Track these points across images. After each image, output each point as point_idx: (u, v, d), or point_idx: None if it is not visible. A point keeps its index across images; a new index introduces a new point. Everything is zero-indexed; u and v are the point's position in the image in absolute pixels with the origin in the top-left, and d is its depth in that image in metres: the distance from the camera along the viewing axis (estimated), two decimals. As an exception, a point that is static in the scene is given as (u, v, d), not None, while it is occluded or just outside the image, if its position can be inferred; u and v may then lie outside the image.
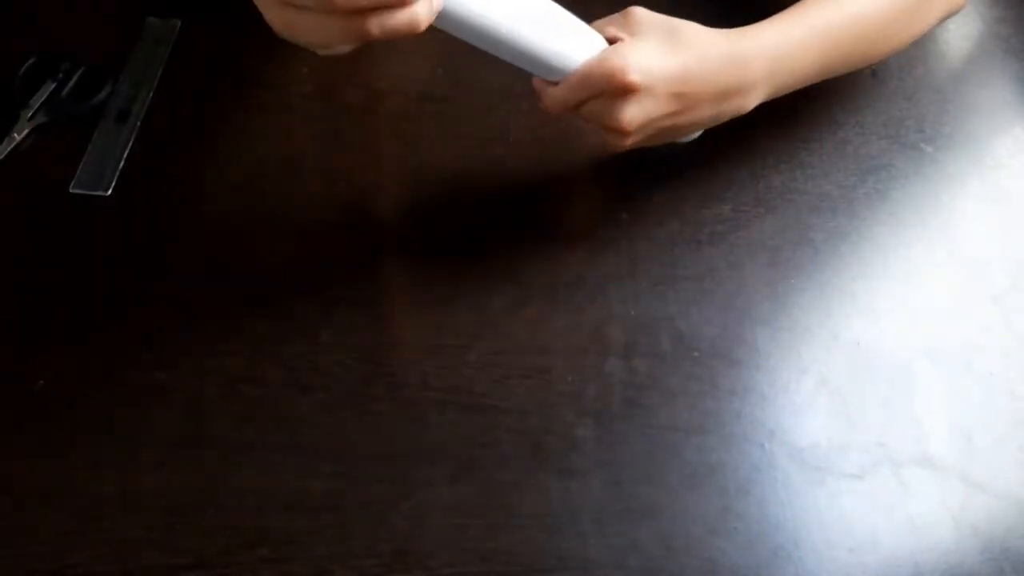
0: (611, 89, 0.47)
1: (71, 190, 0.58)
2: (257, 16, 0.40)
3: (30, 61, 0.63)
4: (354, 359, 0.51)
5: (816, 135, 0.63)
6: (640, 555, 0.45)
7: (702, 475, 0.48)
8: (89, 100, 0.62)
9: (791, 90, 0.55)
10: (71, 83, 0.63)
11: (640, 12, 0.49)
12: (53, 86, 0.62)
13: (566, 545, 0.45)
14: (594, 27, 0.49)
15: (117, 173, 0.58)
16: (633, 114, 0.47)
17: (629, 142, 0.50)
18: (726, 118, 0.52)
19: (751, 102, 0.52)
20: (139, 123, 0.61)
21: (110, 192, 0.58)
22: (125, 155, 0.59)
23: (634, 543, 0.46)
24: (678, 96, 0.48)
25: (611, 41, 0.49)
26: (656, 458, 0.48)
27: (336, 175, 0.60)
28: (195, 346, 0.51)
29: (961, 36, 0.70)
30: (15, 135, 0.60)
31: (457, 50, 0.66)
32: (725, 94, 0.50)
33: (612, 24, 0.49)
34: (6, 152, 0.59)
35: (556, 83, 0.49)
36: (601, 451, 0.48)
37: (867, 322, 0.54)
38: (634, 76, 0.46)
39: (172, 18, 0.67)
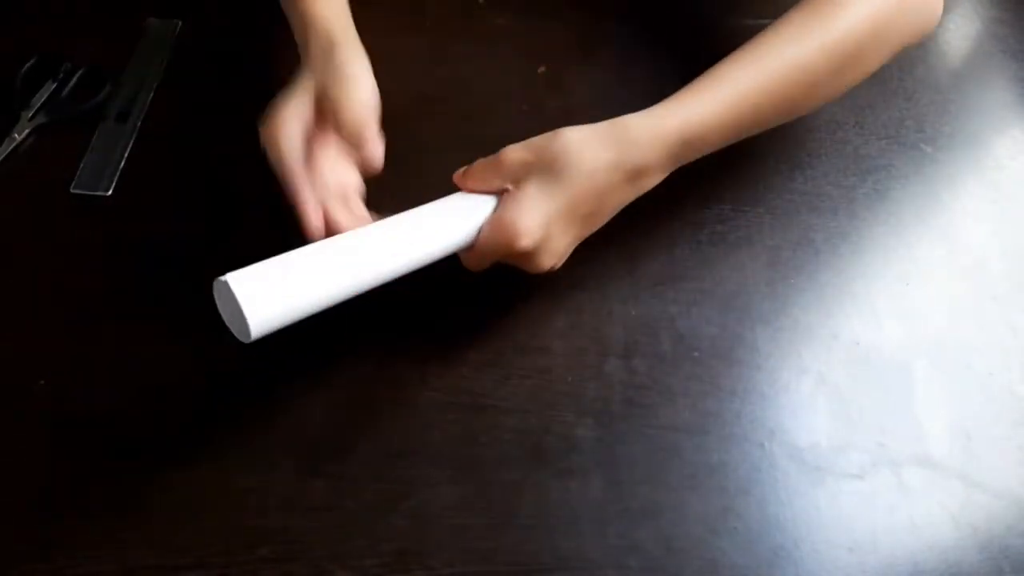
0: (511, 256, 0.47)
1: (71, 190, 0.58)
2: (257, 16, 0.41)
3: (31, 61, 0.63)
4: (354, 359, 0.51)
5: (816, 135, 0.63)
6: (640, 555, 0.45)
7: (702, 475, 0.48)
8: (89, 100, 0.62)
9: (707, 153, 0.53)
10: (71, 83, 0.63)
11: (512, 156, 0.47)
12: (54, 86, 0.62)
13: (566, 545, 0.45)
14: (478, 177, 0.48)
15: (117, 173, 0.59)
16: (543, 261, 0.48)
17: (557, 268, 0.50)
18: (637, 196, 0.51)
19: (655, 181, 0.51)
20: (139, 123, 0.61)
21: (110, 192, 0.58)
22: (125, 155, 0.60)
23: (634, 543, 0.46)
24: (579, 218, 0.48)
25: (500, 193, 0.48)
26: (656, 458, 0.48)
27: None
28: (195, 346, 0.51)
29: (960, 36, 0.70)
30: (16, 135, 0.60)
31: (457, 51, 0.67)
32: (625, 187, 0.49)
33: (493, 175, 0.48)
34: (7, 152, 0.59)
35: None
36: (601, 451, 0.48)
37: (867, 322, 0.54)
38: (526, 242, 0.46)
39: (172, 18, 0.67)
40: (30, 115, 0.61)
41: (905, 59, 0.67)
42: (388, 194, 0.59)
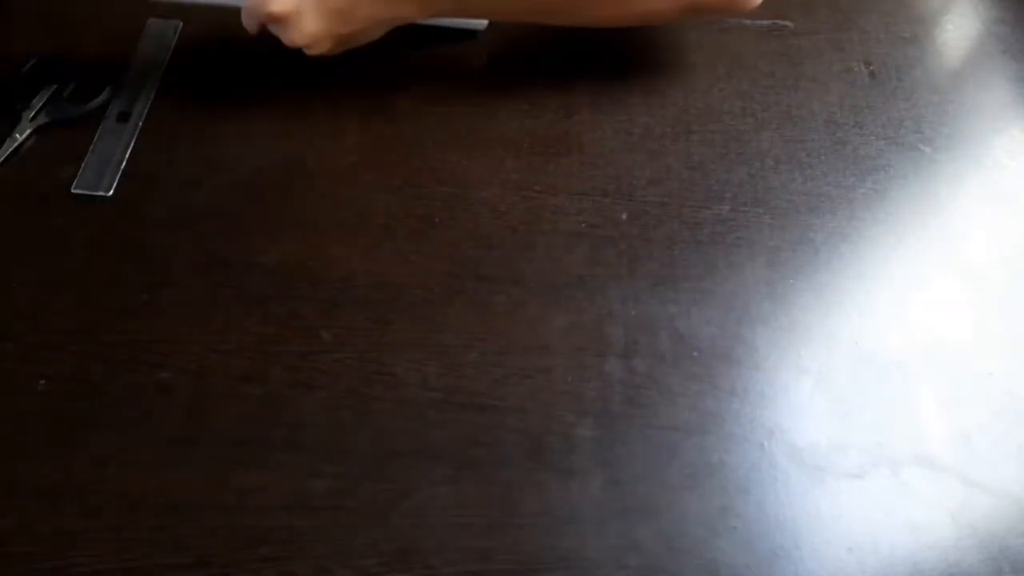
0: (265, 19, 0.53)
1: (73, 190, 0.58)
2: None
3: (32, 62, 0.63)
4: (354, 359, 0.51)
5: (815, 135, 0.63)
6: (640, 555, 0.45)
7: (702, 475, 0.48)
8: (90, 101, 0.62)
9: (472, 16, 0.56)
10: (72, 84, 0.63)
11: None
12: (55, 87, 0.62)
13: (566, 545, 0.45)
14: None
15: (118, 173, 0.59)
16: (294, 36, 0.53)
17: (316, 52, 0.55)
18: (392, 16, 0.55)
19: (410, 9, 0.55)
20: (140, 123, 0.61)
21: (111, 192, 0.58)
22: (126, 155, 0.60)
23: (634, 543, 0.46)
24: (330, 12, 0.52)
25: None
26: (656, 458, 0.48)
27: (337, 175, 0.60)
28: (196, 346, 0.51)
29: (959, 36, 0.70)
30: (17, 135, 0.60)
31: (459, 51, 0.67)
32: None
33: None
34: (8, 152, 0.59)
35: None
36: (601, 451, 0.48)
37: (867, 322, 0.54)
38: (273, 7, 0.52)
39: (172, 18, 0.67)
40: (31, 115, 0.61)
41: (904, 59, 0.67)
42: (389, 194, 0.59)
